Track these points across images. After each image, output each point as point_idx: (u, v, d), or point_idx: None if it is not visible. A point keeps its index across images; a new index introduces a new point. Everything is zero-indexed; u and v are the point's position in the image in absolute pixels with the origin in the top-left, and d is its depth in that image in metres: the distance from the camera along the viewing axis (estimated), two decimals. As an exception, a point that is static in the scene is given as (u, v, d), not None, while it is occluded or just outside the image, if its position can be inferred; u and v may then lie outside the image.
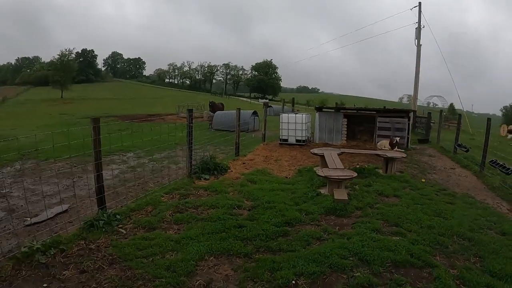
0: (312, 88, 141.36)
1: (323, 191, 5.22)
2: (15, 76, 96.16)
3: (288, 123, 10.08)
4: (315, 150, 6.90)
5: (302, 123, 9.99)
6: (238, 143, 8.31)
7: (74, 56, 70.35)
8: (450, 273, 3.04)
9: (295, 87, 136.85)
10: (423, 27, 16.52)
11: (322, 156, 6.62)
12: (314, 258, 3.16)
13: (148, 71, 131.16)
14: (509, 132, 18.46)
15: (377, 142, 9.71)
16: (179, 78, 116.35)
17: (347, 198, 4.66)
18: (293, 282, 2.81)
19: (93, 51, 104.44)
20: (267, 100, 63.30)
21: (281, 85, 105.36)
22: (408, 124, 9.96)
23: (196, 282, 2.81)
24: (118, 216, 3.99)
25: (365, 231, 3.82)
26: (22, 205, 4.85)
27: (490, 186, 6.10)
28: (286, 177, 6.42)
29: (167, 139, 9.78)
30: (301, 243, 3.54)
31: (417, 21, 16.82)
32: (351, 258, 3.24)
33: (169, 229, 3.87)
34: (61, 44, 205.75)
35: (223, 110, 17.28)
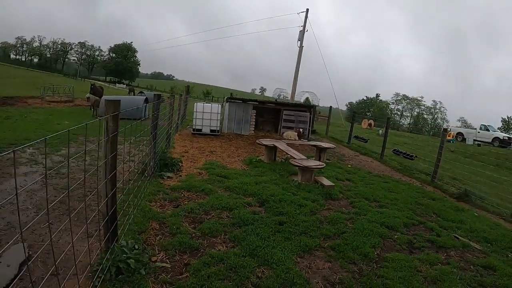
0: (167, 74, 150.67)
1: (296, 179, 6.28)
2: None
3: (203, 112, 10.36)
4: (264, 141, 7.80)
5: (216, 113, 10.51)
6: (170, 135, 8.11)
7: None
8: (433, 224, 4.90)
9: (149, 72, 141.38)
10: (307, 30, 20.20)
11: (270, 147, 7.63)
12: (367, 233, 4.22)
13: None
14: (369, 126, 25.02)
15: (283, 133, 11.57)
16: (27, 54, 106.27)
17: (334, 184, 5.93)
18: (376, 253, 3.76)
19: None
20: (127, 86, 61.46)
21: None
22: (310, 117, 12.36)
23: (316, 284, 3.03)
24: (136, 247, 3.08)
25: (367, 208, 5.24)
26: None
27: (394, 168, 8.95)
28: (244, 169, 7.03)
29: (56, 128, 8.23)
30: (341, 225, 4.41)
31: (302, 24, 20.35)
32: (381, 227, 4.51)
33: (216, 245, 3.57)
34: None
35: (103, 94, 15.35)
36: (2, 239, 3.15)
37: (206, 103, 10.97)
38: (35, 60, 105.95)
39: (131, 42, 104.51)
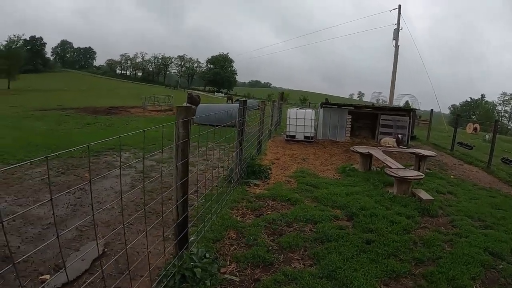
0: (264, 82, 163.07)
1: (391, 190, 6.00)
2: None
3: (296, 118, 10.66)
4: (358, 149, 7.65)
5: (310, 119, 10.68)
6: (261, 141, 8.57)
7: (22, 43, 73.91)
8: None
9: (247, 81, 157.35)
10: (401, 28, 18.80)
11: (364, 155, 7.42)
12: (467, 261, 3.76)
13: (99, 61, 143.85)
14: (475, 130, 22.19)
15: (380, 139, 11.06)
16: (131, 69, 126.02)
17: (433, 198, 5.53)
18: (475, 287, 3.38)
19: (42, 39, 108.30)
20: (227, 94, 69.02)
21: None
22: (410, 122, 11.56)
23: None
24: (207, 255, 3.08)
25: (469, 228, 4.71)
26: (18, 246, 3.30)
27: (503, 180, 7.81)
28: (337, 178, 7.02)
29: (154, 135, 9.31)
30: (437, 248, 4.01)
31: (395, 22, 19.08)
32: (484, 253, 4.02)
33: (293, 261, 3.42)
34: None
35: (200, 103, 17.21)
36: (83, 235, 3.56)
37: (300, 109, 11.16)
38: (139, 74, 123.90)
39: (227, 53, 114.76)
